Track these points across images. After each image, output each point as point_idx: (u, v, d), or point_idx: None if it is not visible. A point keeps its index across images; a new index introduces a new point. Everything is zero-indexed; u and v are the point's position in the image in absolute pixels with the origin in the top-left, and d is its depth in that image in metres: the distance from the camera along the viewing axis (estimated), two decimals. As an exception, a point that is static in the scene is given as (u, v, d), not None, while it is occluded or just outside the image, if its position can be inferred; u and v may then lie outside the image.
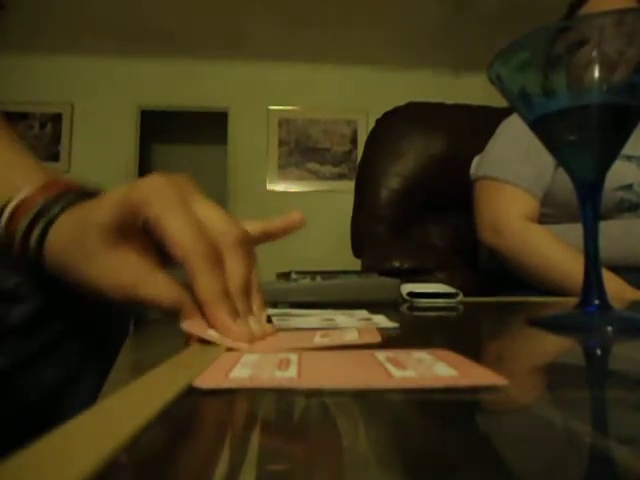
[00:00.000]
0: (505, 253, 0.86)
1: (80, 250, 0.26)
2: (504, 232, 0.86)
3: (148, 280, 0.25)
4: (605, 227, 0.45)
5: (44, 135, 3.63)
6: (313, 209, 3.70)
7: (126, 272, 0.25)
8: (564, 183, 0.84)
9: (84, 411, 0.11)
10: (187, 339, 0.22)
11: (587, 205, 0.30)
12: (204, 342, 0.21)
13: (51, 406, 0.37)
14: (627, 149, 0.33)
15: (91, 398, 0.39)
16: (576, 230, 0.32)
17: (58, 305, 0.36)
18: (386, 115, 1.29)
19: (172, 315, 0.24)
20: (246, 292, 0.25)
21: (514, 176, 0.88)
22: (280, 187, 3.69)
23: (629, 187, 0.81)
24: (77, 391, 0.38)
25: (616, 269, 0.76)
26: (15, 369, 0.33)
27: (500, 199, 0.89)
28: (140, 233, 0.25)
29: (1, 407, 0.33)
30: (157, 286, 0.24)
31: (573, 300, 0.31)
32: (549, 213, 0.89)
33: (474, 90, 3.01)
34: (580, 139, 0.29)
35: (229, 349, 0.20)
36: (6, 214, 0.29)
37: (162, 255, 0.26)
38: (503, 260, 0.87)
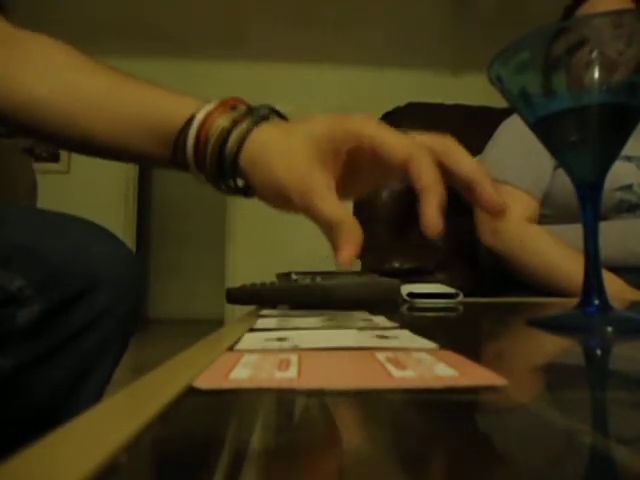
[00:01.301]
0: (505, 254, 0.86)
1: (279, 152, 0.30)
2: (503, 233, 0.86)
3: (327, 196, 0.28)
4: (605, 228, 0.45)
5: (44, 135, 3.63)
6: (313, 209, 3.70)
7: (312, 181, 0.28)
8: (563, 184, 0.84)
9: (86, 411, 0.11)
10: None
11: (587, 206, 0.30)
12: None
13: (57, 406, 0.37)
14: (627, 149, 0.33)
15: (97, 397, 0.39)
16: (576, 231, 0.32)
17: (63, 307, 0.36)
18: (386, 115, 1.29)
19: (329, 234, 0.28)
20: None
21: (513, 177, 0.88)
22: (280, 187, 3.69)
23: (629, 187, 0.81)
24: (83, 391, 0.38)
25: (616, 270, 0.76)
26: (22, 370, 0.33)
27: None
28: (335, 159, 0.30)
29: (8, 407, 0.34)
30: (330, 203, 0.28)
31: (573, 300, 0.31)
32: (548, 214, 0.89)
33: (474, 90, 3.01)
34: (580, 140, 0.29)
35: (230, 349, 0.20)
36: (200, 115, 0.32)
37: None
38: (503, 261, 0.87)
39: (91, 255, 0.39)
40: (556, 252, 0.81)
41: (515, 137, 0.91)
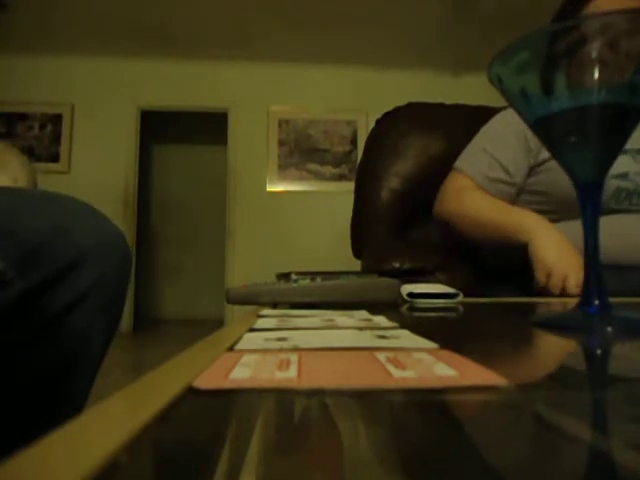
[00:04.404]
0: (446, 216, 0.98)
1: None
2: (443, 198, 0.99)
3: None
4: (606, 223, 0.45)
5: (44, 135, 3.63)
6: (313, 210, 3.71)
7: None
8: (556, 180, 0.86)
9: (83, 407, 0.11)
10: None
11: (587, 205, 0.30)
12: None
13: (49, 389, 0.36)
14: None
15: (89, 382, 0.38)
16: (578, 228, 0.32)
17: (45, 288, 0.35)
18: (386, 115, 1.29)
19: None
20: None
21: (465, 165, 0.99)
22: (280, 187, 3.69)
23: (625, 176, 0.83)
24: (74, 374, 0.38)
25: (617, 267, 0.76)
26: (4, 354, 0.33)
27: (448, 181, 1.02)
28: None
29: None
30: None
31: (573, 300, 0.31)
32: (551, 210, 0.90)
33: (474, 90, 3.01)
34: (581, 139, 0.29)
35: (230, 349, 0.20)
36: None
37: None
38: (447, 225, 0.99)
39: (73, 233, 0.38)
40: (486, 205, 0.90)
41: (483, 131, 1.02)
